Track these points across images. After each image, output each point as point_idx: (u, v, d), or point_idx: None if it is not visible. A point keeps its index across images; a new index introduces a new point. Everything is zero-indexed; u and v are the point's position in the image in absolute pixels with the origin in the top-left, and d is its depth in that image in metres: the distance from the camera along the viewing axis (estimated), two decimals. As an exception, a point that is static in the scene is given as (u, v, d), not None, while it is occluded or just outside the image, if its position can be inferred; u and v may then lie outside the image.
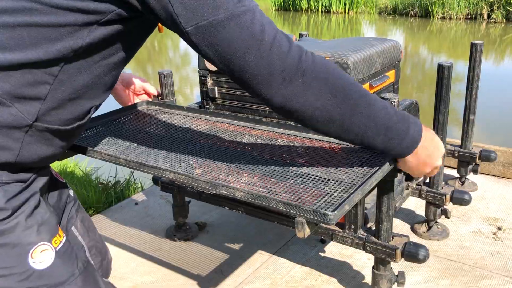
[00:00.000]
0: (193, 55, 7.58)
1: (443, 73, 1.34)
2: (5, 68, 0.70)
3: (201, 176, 0.90)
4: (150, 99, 1.39)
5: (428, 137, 0.87)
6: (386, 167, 0.88)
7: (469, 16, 14.61)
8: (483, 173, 2.08)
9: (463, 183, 1.95)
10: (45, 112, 0.75)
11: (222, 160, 0.98)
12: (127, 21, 0.75)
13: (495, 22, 13.59)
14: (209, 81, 1.41)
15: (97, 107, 0.86)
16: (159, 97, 1.43)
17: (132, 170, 2.38)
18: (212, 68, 1.39)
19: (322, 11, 18.83)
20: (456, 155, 1.83)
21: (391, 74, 1.36)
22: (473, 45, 1.68)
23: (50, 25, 0.69)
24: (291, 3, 19.76)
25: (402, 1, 16.76)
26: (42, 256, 0.77)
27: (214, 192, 0.89)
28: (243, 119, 1.23)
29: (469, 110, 1.76)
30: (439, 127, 1.41)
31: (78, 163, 2.75)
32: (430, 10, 15.26)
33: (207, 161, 0.98)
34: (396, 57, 1.37)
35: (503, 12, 13.65)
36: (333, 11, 18.41)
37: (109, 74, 0.81)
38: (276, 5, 20.54)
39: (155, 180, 1.65)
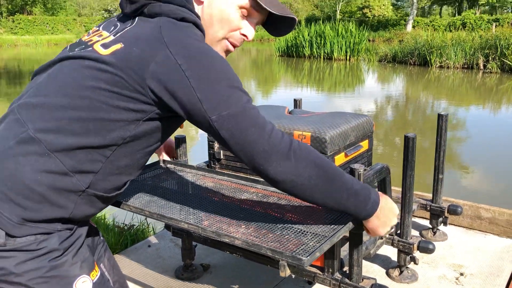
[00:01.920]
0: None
1: (408, 143, 1.63)
2: (74, 149, 0.97)
3: (208, 227, 1.16)
4: (168, 158, 1.68)
5: (384, 201, 1.13)
6: (350, 225, 1.15)
7: (466, 66, 15.07)
8: (454, 225, 2.35)
9: (435, 233, 2.21)
10: (95, 182, 1.02)
11: (225, 213, 1.25)
12: (164, 118, 1.04)
13: (491, 72, 14.02)
14: (216, 145, 1.71)
15: (131, 181, 1.15)
16: (174, 157, 1.72)
17: (145, 217, 2.65)
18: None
19: (324, 58, 19.41)
20: (428, 208, 2.10)
21: (364, 143, 1.65)
22: (439, 116, 1.98)
23: (110, 120, 0.98)
24: (294, 49, 20.42)
25: (401, 50, 17.30)
26: (83, 286, 1.03)
27: (218, 239, 1.15)
28: (243, 178, 1.50)
29: (438, 170, 2.05)
30: (406, 187, 1.68)
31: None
32: (428, 59, 15.73)
33: (213, 214, 1.25)
34: (369, 129, 1.67)
35: (498, 63, 14.10)
36: (334, 58, 18.98)
37: (144, 158, 1.10)
38: (280, 51, 21.22)
39: (168, 226, 1.92)
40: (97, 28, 1.13)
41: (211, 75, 0.97)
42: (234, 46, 1.16)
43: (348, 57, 18.87)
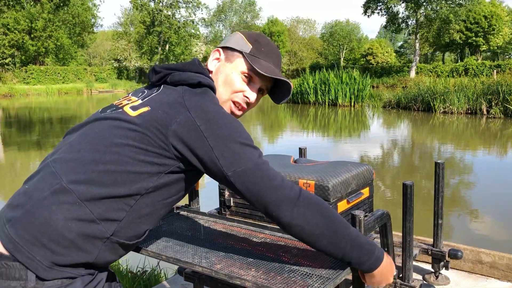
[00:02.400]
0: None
1: (406, 190, 1.74)
2: (102, 198, 1.09)
3: (221, 270, 1.26)
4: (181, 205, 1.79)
5: (386, 260, 1.21)
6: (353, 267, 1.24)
7: (469, 111, 15.24)
8: (456, 269, 2.41)
9: (437, 277, 2.27)
10: (119, 230, 1.13)
11: (236, 258, 1.34)
12: (184, 171, 1.17)
13: (494, 117, 14.15)
14: (226, 193, 1.83)
15: (150, 230, 1.25)
16: (187, 205, 1.84)
17: (158, 261, 2.73)
18: (229, 183, 1.81)
19: (328, 104, 19.72)
20: (430, 253, 2.18)
21: (365, 191, 1.76)
22: (436, 164, 2.09)
23: (135, 172, 1.11)
24: (299, 96, 20.78)
25: (405, 96, 17.57)
26: None
27: (230, 282, 1.24)
28: (252, 224, 1.60)
29: (437, 215, 2.14)
30: (406, 232, 1.78)
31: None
32: (432, 105, 15.93)
33: (224, 258, 1.34)
34: (369, 177, 1.78)
35: (501, 108, 14.26)
36: (339, 104, 19.27)
37: (164, 208, 1.22)
38: (286, 98, 21.55)
39: (180, 272, 2.01)
40: (127, 95, 1.30)
41: (226, 134, 1.12)
42: (241, 109, 1.32)
43: (352, 103, 19.15)
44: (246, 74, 1.29)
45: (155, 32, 43.44)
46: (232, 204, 1.83)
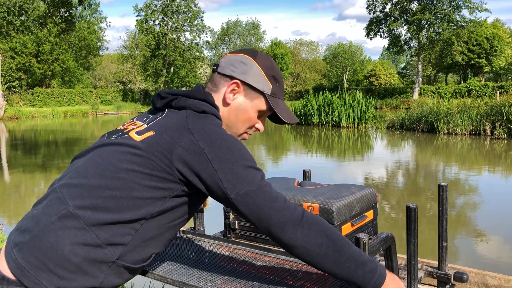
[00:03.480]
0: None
1: (410, 213, 1.75)
2: (108, 223, 1.11)
3: (226, 293, 1.27)
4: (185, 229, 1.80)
5: (391, 276, 1.21)
6: (356, 289, 1.25)
7: (473, 132, 15.25)
8: (462, 292, 2.39)
9: (443, 300, 2.25)
10: (124, 254, 1.14)
11: (241, 281, 1.34)
12: (188, 195, 1.19)
13: (498, 138, 14.15)
14: (231, 216, 1.84)
15: (156, 254, 1.27)
16: (192, 228, 1.85)
17: (163, 284, 2.73)
18: (234, 206, 1.82)
19: (332, 125, 19.80)
20: (435, 276, 2.17)
21: (369, 213, 1.77)
22: (440, 187, 2.10)
23: (141, 198, 1.13)
24: (303, 118, 20.87)
25: (408, 117, 17.62)
26: None
27: (235, 305, 1.24)
28: (257, 247, 1.61)
29: (441, 238, 2.14)
30: (411, 254, 1.78)
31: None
32: (435, 126, 15.96)
33: (230, 281, 1.35)
34: (373, 200, 1.80)
35: (505, 129, 14.27)
36: (342, 126, 19.34)
37: (169, 232, 1.23)
38: (289, 120, 21.65)
39: (184, 294, 2.00)
40: (132, 120, 1.32)
41: (229, 157, 1.14)
42: (248, 135, 1.39)
43: (356, 125, 19.22)
44: (262, 111, 1.34)
45: (160, 55, 43.95)
46: (237, 227, 1.84)
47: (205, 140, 1.13)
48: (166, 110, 1.26)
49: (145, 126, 1.21)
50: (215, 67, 1.35)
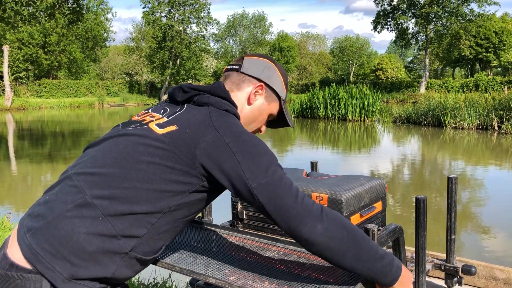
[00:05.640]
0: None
1: (419, 205, 1.73)
2: (125, 214, 1.11)
3: (234, 282, 1.27)
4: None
5: (404, 268, 1.21)
6: (365, 281, 1.24)
7: (480, 127, 15.17)
8: (469, 285, 2.38)
9: (450, 293, 2.24)
10: (137, 246, 1.14)
11: (249, 270, 1.34)
12: (207, 191, 1.20)
13: (506, 133, 14.06)
14: (239, 206, 1.84)
15: (167, 246, 1.27)
16: (200, 217, 1.85)
17: (171, 272, 2.74)
18: (242, 196, 1.82)
19: (338, 119, 19.73)
20: (443, 268, 2.16)
21: (378, 205, 1.76)
22: (449, 179, 2.09)
23: (160, 190, 1.13)
24: (309, 111, 20.82)
25: (415, 111, 17.53)
26: None
27: (243, 294, 1.24)
28: (265, 237, 1.60)
29: (450, 231, 2.12)
30: (419, 247, 1.76)
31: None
32: (442, 120, 15.88)
33: (238, 270, 1.35)
34: (382, 191, 1.78)
35: (513, 124, 14.17)
36: (349, 119, 19.28)
37: (182, 225, 1.24)
38: (295, 113, 21.64)
39: (192, 284, 2.01)
40: (147, 111, 1.32)
41: (253, 151, 1.15)
42: None
43: (362, 118, 19.14)
44: (272, 116, 1.43)
45: (167, 47, 43.89)
46: (244, 216, 1.84)
47: (229, 135, 1.15)
48: (186, 105, 1.26)
49: (165, 119, 1.21)
50: (232, 67, 1.38)
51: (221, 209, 2.26)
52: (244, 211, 1.83)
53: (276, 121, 1.47)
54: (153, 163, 1.13)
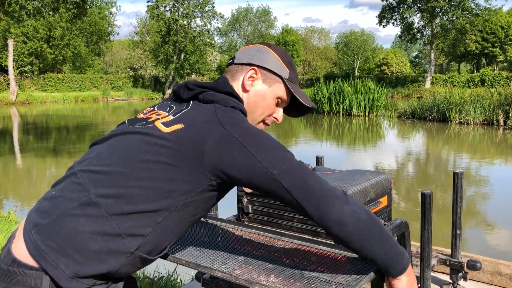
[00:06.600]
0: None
1: (425, 200, 1.74)
2: (130, 213, 1.10)
3: (240, 276, 1.27)
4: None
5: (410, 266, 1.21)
6: (371, 275, 1.25)
7: (485, 122, 15.09)
8: (475, 280, 2.38)
9: (455, 288, 2.25)
10: (143, 245, 1.13)
11: (255, 264, 1.34)
12: (214, 190, 1.18)
13: (511, 129, 13.99)
14: (245, 200, 1.84)
15: (171, 245, 1.27)
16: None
17: (176, 265, 2.76)
18: (248, 190, 1.82)
19: (343, 114, 19.68)
20: (448, 263, 2.16)
21: (383, 199, 1.76)
22: (455, 174, 2.08)
23: (167, 189, 1.11)
24: (314, 106, 20.74)
25: (420, 106, 17.46)
26: None
27: (250, 287, 1.24)
28: (270, 232, 1.61)
29: (455, 226, 2.13)
30: (425, 241, 1.77)
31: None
32: (447, 115, 15.81)
33: (243, 264, 1.35)
34: (388, 186, 1.78)
35: (518, 119, 14.07)
36: (353, 114, 19.22)
37: (188, 225, 1.22)
38: (300, 107, 21.57)
39: (197, 277, 2.02)
40: (152, 108, 1.30)
41: (265, 142, 1.14)
42: (266, 125, 1.38)
43: (367, 113, 19.09)
44: (281, 99, 1.34)
45: (171, 41, 43.81)
46: (250, 211, 1.84)
47: (237, 131, 1.12)
48: (191, 102, 1.24)
49: (171, 117, 1.19)
50: (230, 61, 1.36)
51: (227, 204, 2.27)
52: (249, 205, 1.83)
53: (293, 106, 1.39)
54: (159, 162, 1.11)
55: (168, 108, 1.26)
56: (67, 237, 1.07)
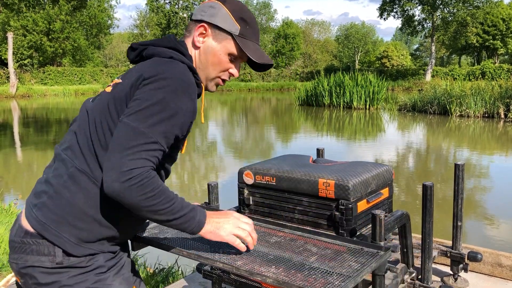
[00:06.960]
0: (233, 172, 8.14)
1: (426, 191, 1.74)
2: None
3: (242, 266, 1.27)
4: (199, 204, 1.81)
5: (216, 219, 1.26)
6: (374, 265, 1.25)
7: (486, 115, 15.08)
8: (475, 271, 2.39)
9: (456, 279, 2.24)
10: None
11: (256, 255, 1.35)
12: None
13: (512, 121, 13.97)
14: (245, 192, 1.84)
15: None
16: (206, 203, 1.85)
17: (177, 257, 2.77)
18: (249, 182, 1.82)
19: (343, 107, 19.65)
20: (449, 255, 2.16)
21: (385, 191, 1.75)
22: (456, 166, 2.08)
23: None
24: (314, 99, 20.73)
25: (421, 99, 17.43)
26: None
27: (251, 278, 1.25)
28: (271, 223, 1.61)
29: (456, 217, 2.13)
30: (426, 233, 1.77)
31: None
32: (448, 108, 15.79)
33: (245, 255, 1.35)
34: (389, 178, 1.78)
35: (519, 112, 14.06)
36: (354, 107, 19.20)
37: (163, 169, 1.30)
38: (300, 101, 21.59)
39: (198, 269, 2.02)
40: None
41: (163, 108, 1.14)
42: (224, 81, 1.38)
43: (367, 106, 19.06)
44: (233, 55, 1.32)
45: (171, 34, 43.69)
46: (251, 202, 1.84)
47: (152, 75, 1.17)
48: (140, 63, 1.29)
49: (120, 80, 1.27)
50: (191, 15, 1.39)
51: (228, 195, 2.27)
52: (250, 197, 1.83)
53: (252, 61, 1.36)
54: (105, 120, 1.20)
55: (123, 74, 1.33)
56: (65, 207, 1.18)
